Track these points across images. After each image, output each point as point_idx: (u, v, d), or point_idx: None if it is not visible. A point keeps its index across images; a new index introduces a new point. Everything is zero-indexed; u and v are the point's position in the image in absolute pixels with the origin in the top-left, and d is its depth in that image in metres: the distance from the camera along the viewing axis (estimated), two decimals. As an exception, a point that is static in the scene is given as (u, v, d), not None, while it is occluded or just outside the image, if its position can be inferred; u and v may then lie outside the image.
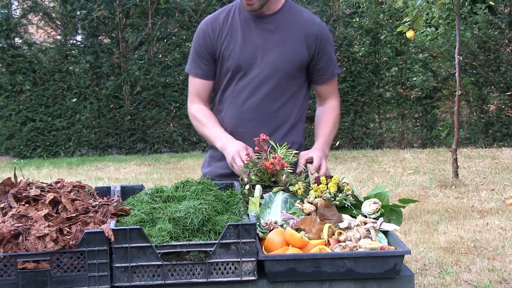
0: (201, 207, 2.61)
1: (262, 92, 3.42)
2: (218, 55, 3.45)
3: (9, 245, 2.44)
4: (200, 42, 3.49)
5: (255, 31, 3.40)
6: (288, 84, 3.45)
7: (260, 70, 3.40)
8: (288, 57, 3.40)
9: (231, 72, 3.44)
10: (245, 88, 3.43)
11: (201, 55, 3.49)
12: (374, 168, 11.08)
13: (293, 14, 3.46)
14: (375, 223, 2.73)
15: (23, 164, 12.34)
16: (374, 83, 13.51)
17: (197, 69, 3.52)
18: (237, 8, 3.46)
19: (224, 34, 3.43)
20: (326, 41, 3.48)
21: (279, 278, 2.54)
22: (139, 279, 2.49)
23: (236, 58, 3.41)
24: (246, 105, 3.44)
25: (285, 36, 3.41)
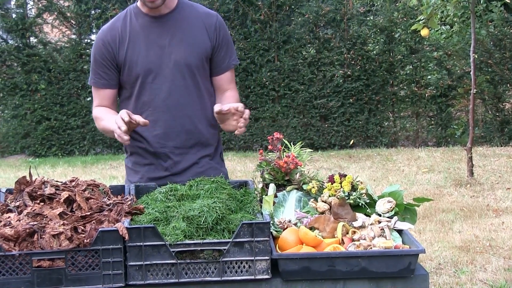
0: (215, 205, 2.61)
1: (178, 89, 3.40)
2: (122, 62, 3.40)
3: (24, 243, 2.46)
4: (100, 51, 3.41)
5: (157, 32, 3.39)
6: (200, 78, 3.44)
7: (171, 69, 3.38)
8: (195, 51, 3.40)
9: (142, 77, 3.39)
10: (160, 89, 3.39)
11: (102, 64, 3.41)
12: (388, 166, 11.05)
13: (189, 9, 3.46)
14: (389, 222, 2.72)
15: (38, 163, 12.40)
16: (389, 82, 13.47)
17: (98, 79, 3.45)
18: (132, 14, 3.43)
19: (125, 41, 3.39)
20: (224, 31, 3.49)
21: (293, 276, 2.53)
22: (153, 277, 2.50)
23: (145, 62, 3.37)
24: (166, 104, 3.40)
25: (187, 31, 3.41)
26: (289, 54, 13.13)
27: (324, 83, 13.21)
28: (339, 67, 13.32)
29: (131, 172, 3.58)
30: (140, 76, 3.38)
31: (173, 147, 3.43)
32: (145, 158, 3.50)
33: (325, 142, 13.29)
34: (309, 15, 13.14)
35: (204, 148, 3.49)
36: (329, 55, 13.18)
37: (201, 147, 3.48)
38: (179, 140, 3.43)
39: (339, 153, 12.65)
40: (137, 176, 3.52)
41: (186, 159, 3.45)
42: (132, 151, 3.55)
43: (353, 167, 11.02)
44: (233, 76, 3.60)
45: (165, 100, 3.39)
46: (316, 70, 13.24)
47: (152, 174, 3.48)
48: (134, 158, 3.56)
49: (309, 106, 13.26)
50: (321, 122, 13.38)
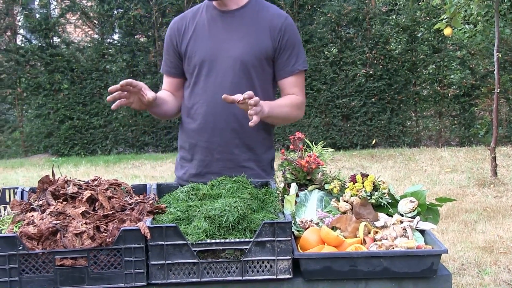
0: (237, 205, 2.61)
1: (229, 86, 3.38)
2: (183, 52, 3.47)
3: (47, 242, 2.47)
4: (167, 40, 3.55)
5: (221, 27, 3.41)
6: (256, 78, 3.41)
7: (226, 64, 3.38)
8: (253, 50, 3.37)
9: (198, 68, 3.43)
10: (213, 83, 3.41)
11: (168, 52, 3.55)
12: (410, 166, 11.00)
13: (259, 9, 3.45)
14: (412, 222, 2.70)
15: (61, 162, 12.48)
16: (411, 81, 13.41)
17: (165, 66, 3.58)
18: (205, 6, 3.49)
19: (190, 32, 3.45)
20: (290, 34, 3.42)
21: (314, 276, 2.53)
22: (175, 276, 2.50)
23: (202, 54, 3.41)
24: (216, 99, 3.38)
25: (250, 29, 3.39)
26: (311, 54, 13.11)
27: (346, 82, 13.18)
28: (361, 66, 13.28)
29: (178, 166, 3.64)
30: (196, 67, 3.42)
31: (217, 144, 3.42)
32: (190, 153, 3.53)
33: (347, 142, 13.26)
34: (331, 14, 13.12)
35: (249, 151, 3.43)
36: (351, 54, 13.15)
37: (247, 149, 3.43)
38: (223, 137, 3.41)
39: (361, 153, 12.62)
40: (182, 171, 3.57)
41: (229, 159, 3.43)
42: (181, 145, 3.61)
43: (375, 166, 10.99)
44: (299, 81, 3.48)
45: (215, 94, 3.37)
46: (338, 70, 13.22)
47: (195, 170, 3.50)
48: (181, 153, 3.62)
49: (331, 105, 13.24)
50: (343, 121, 13.35)
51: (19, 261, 2.43)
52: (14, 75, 13.67)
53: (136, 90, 3.19)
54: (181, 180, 3.53)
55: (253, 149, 3.43)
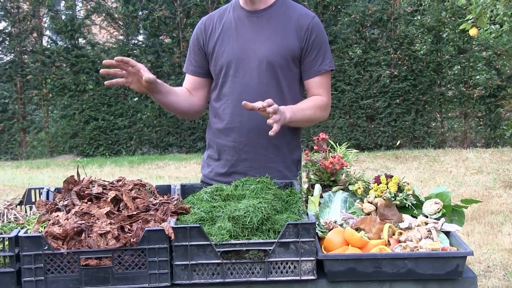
0: (261, 206, 2.61)
1: (256, 86, 3.39)
2: (210, 52, 3.47)
3: (72, 242, 2.49)
4: (193, 39, 3.54)
5: (248, 26, 3.41)
6: (283, 78, 3.40)
7: (253, 65, 3.38)
8: (279, 50, 3.36)
9: (225, 68, 3.43)
10: (239, 83, 3.41)
11: (193, 51, 3.54)
12: (435, 167, 10.94)
13: (286, 8, 3.44)
14: (437, 223, 2.69)
15: (86, 162, 12.56)
16: (436, 82, 13.33)
17: (189, 65, 3.57)
18: (232, 7, 3.49)
19: (217, 31, 3.46)
20: (317, 34, 3.40)
21: (338, 277, 2.52)
22: (198, 277, 2.51)
23: (231, 54, 3.41)
24: (242, 99, 3.37)
25: (277, 29, 3.38)
26: (335, 54, 13.08)
27: (371, 83, 13.13)
28: (386, 67, 13.23)
29: (205, 165, 3.65)
30: (223, 68, 3.43)
31: (244, 145, 3.43)
32: (217, 152, 3.54)
33: (372, 143, 13.21)
34: (355, 15, 13.08)
35: (276, 151, 3.42)
36: (375, 55, 13.10)
37: (274, 149, 3.41)
38: (250, 138, 3.41)
39: (385, 154, 12.57)
40: (208, 169, 3.59)
41: (255, 159, 3.43)
42: (209, 144, 3.62)
43: (400, 168, 10.93)
44: (325, 81, 3.47)
45: (242, 94, 3.38)
46: (363, 70, 13.18)
47: (221, 169, 3.51)
48: (208, 151, 3.63)
49: (355, 106, 13.20)
50: (368, 122, 13.30)
51: (44, 261, 2.45)
52: (40, 76, 13.79)
53: (134, 70, 3.21)
54: (207, 178, 3.54)
55: (280, 149, 3.43)
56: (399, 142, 13.15)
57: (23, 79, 13.81)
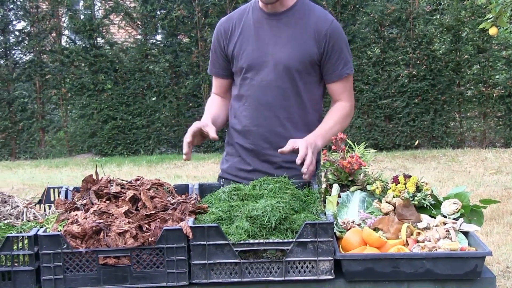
0: (278, 205, 2.61)
1: (275, 90, 3.39)
2: (230, 54, 3.47)
3: (90, 241, 2.50)
4: (214, 41, 3.55)
5: (267, 29, 3.39)
6: (301, 82, 3.40)
7: (271, 69, 3.37)
8: (297, 54, 3.35)
9: (244, 71, 3.43)
10: (257, 87, 3.41)
11: (216, 53, 3.55)
12: (454, 167, 10.88)
13: (306, 11, 3.41)
14: (455, 223, 2.68)
15: (104, 162, 12.61)
16: (455, 81, 13.26)
17: (213, 67, 3.60)
18: (251, 8, 3.47)
19: (236, 33, 3.45)
20: (336, 38, 3.38)
21: (356, 277, 2.52)
22: (216, 276, 2.51)
23: (249, 57, 3.40)
24: (260, 103, 3.41)
25: (296, 33, 3.37)
26: (353, 54, 13.03)
27: (389, 83, 13.09)
28: (404, 66, 13.18)
29: (223, 161, 3.68)
30: (243, 70, 3.44)
31: (262, 148, 3.45)
32: (236, 151, 3.57)
33: (390, 143, 13.17)
34: (374, 15, 13.04)
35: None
36: (394, 54, 13.05)
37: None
38: (268, 141, 3.43)
39: (403, 154, 12.52)
40: (227, 164, 3.61)
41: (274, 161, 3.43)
42: (229, 141, 3.65)
43: (418, 168, 10.89)
44: (348, 85, 3.48)
45: (260, 98, 3.41)
46: (381, 70, 13.14)
47: (238, 165, 3.54)
48: (228, 148, 3.65)
49: (373, 106, 13.16)
50: (386, 122, 13.26)
51: (63, 259, 2.46)
52: (59, 75, 13.86)
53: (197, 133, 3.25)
54: (225, 173, 3.57)
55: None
56: (417, 142, 13.09)
57: (42, 79, 13.89)
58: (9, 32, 14.01)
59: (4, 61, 13.93)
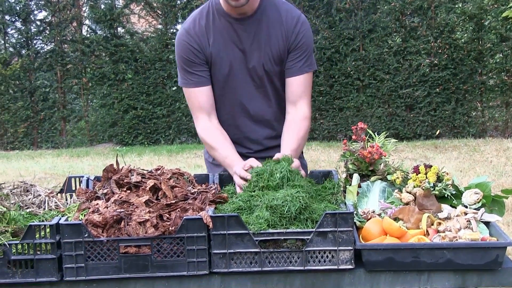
0: (298, 195, 2.61)
1: (257, 93, 3.38)
2: (209, 59, 3.34)
3: (111, 230, 2.52)
4: (186, 50, 3.32)
5: (238, 35, 3.30)
6: (279, 81, 3.38)
7: (249, 74, 3.33)
8: (272, 57, 3.31)
9: (223, 79, 3.35)
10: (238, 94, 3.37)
11: (192, 62, 3.32)
12: (475, 157, 10.82)
13: (271, 10, 3.34)
14: (476, 213, 2.67)
15: (125, 151, 12.66)
16: (477, 71, 13.15)
17: (191, 77, 3.35)
18: (215, 11, 3.34)
19: (210, 39, 3.31)
20: (303, 35, 3.33)
21: (376, 267, 2.52)
22: (236, 265, 2.52)
23: (225, 65, 3.32)
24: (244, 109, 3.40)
25: (266, 36, 3.30)
26: (374, 43, 12.99)
27: (410, 72, 13.02)
28: (426, 56, 13.10)
29: (213, 166, 3.58)
30: (221, 78, 3.36)
31: (254, 151, 3.44)
32: None
33: (411, 132, 13.11)
34: (395, 3, 12.96)
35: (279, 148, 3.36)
36: (415, 43, 12.97)
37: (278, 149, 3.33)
38: (258, 144, 3.44)
39: (424, 144, 12.46)
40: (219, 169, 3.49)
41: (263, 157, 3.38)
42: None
43: (439, 157, 10.84)
44: (307, 84, 3.41)
45: (246, 104, 3.39)
46: (402, 59, 13.07)
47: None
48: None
49: (394, 95, 13.10)
50: (407, 112, 13.20)
51: (84, 248, 2.48)
52: (79, 65, 13.92)
53: None
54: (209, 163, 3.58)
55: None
56: (438, 131, 13.02)
57: (63, 68, 13.96)
58: (31, 22, 14.08)
59: (26, 51, 14.01)
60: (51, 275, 2.50)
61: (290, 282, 2.56)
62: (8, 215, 2.61)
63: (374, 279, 2.55)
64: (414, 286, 2.56)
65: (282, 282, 2.56)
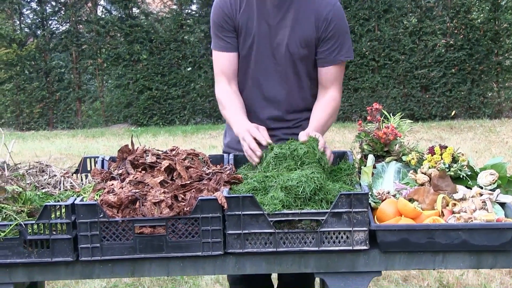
0: (313, 176, 2.61)
1: (275, 72, 3.34)
2: (237, 27, 3.35)
3: (127, 210, 2.52)
4: (218, 15, 3.37)
5: (269, 9, 3.28)
6: (301, 65, 3.34)
7: (272, 51, 3.31)
8: (298, 38, 3.28)
9: (247, 51, 3.35)
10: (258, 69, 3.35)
11: (221, 27, 3.36)
12: (491, 138, 10.76)
13: None
14: (492, 194, 2.65)
15: (140, 132, 12.69)
16: (493, 51, 13.07)
17: (219, 42, 3.39)
18: None
19: (241, 9, 3.32)
20: (335, 23, 3.28)
21: (391, 248, 2.51)
22: (251, 246, 2.52)
23: (251, 37, 3.32)
24: (261, 85, 3.37)
25: (297, 16, 3.27)
26: (389, 24, 12.92)
27: (426, 52, 12.95)
28: (441, 36, 13.03)
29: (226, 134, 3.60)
30: (244, 48, 3.36)
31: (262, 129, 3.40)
32: None
33: (426, 113, 13.07)
34: (410, -17, 12.89)
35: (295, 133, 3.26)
36: (431, 24, 12.90)
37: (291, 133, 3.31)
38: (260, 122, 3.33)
39: (440, 124, 12.41)
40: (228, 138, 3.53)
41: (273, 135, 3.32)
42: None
43: (455, 138, 10.79)
44: (339, 73, 3.40)
45: (261, 81, 3.37)
46: (418, 40, 13.00)
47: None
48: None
49: (409, 76, 13.05)
50: (422, 92, 13.15)
51: (100, 228, 2.49)
52: (95, 46, 13.94)
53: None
54: (227, 147, 3.54)
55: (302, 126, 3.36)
56: (454, 112, 12.96)
57: (78, 49, 13.99)
58: (46, 2, 14.11)
59: (41, 32, 14.04)
60: (67, 255, 2.51)
61: (305, 263, 2.56)
62: (24, 195, 2.62)
63: (389, 260, 2.54)
64: (429, 267, 2.55)
65: (296, 262, 2.56)
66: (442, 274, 4.94)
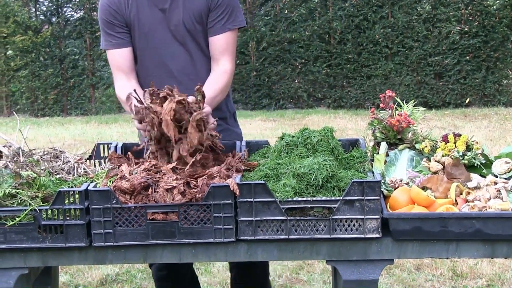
0: (326, 163, 2.60)
1: (180, 55, 3.34)
2: (129, 22, 3.34)
3: (139, 197, 2.53)
4: (106, 13, 3.35)
5: None
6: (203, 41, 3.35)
7: (172, 34, 3.31)
8: (194, 15, 3.28)
9: (143, 40, 3.35)
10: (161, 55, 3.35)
11: (112, 24, 3.35)
12: (506, 126, 10.71)
13: None
14: (507, 183, 2.64)
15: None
16: (509, 38, 12.97)
17: (111, 39, 3.38)
18: None
19: (129, 2, 3.31)
20: None
21: (403, 236, 2.51)
22: (263, 233, 2.53)
23: (146, 25, 3.31)
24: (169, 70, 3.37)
25: None
26: (403, 10, 12.85)
27: (440, 40, 12.87)
28: (456, 23, 12.93)
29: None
30: (142, 39, 3.36)
31: None
32: None
33: (440, 101, 13.00)
34: (425, -30, 12.80)
35: (215, 111, 3.26)
36: (445, 10, 12.81)
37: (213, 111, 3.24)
38: None
39: (454, 112, 12.35)
40: None
41: None
42: None
43: (469, 126, 10.74)
44: (230, 42, 3.39)
45: (167, 65, 3.37)
46: (432, 27, 12.92)
47: None
48: None
49: (423, 63, 12.98)
50: (436, 80, 13.08)
51: (113, 214, 2.50)
52: (108, 32, 13.94)
53: None
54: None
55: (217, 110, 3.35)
56: (468, 100, 12.90)
57: (92, 36, 13.99)
58: (60, -11, 14.12)
59: (56, 19, 14.06)
60: (80, 241, 2.53)
61: (317, 250, 2.56)
62: (39, 180, 2.64)
63: (401, 248, 2.54)
64: (442, 256, 2.55)
65: (308, 250, 2.56)
66: (456, 263, 4.93)
